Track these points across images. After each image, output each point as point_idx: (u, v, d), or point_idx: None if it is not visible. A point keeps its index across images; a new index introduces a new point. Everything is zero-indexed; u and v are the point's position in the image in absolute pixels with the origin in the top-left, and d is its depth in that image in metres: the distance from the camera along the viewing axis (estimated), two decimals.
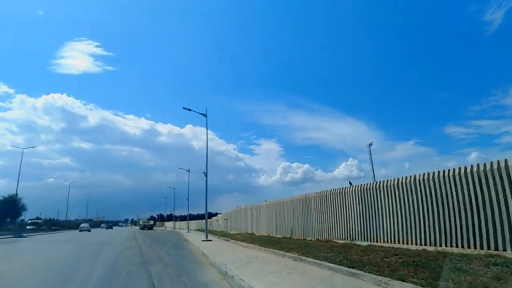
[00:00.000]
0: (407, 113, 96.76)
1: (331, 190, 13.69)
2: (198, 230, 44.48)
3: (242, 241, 15.69)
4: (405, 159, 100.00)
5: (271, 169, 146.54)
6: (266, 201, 21.56)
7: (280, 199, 18.97)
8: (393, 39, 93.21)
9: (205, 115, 20.89)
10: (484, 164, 7.63)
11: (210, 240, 18.95)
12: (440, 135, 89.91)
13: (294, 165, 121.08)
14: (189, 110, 20.77)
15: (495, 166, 7.34)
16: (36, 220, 53.19)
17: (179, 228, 61.75)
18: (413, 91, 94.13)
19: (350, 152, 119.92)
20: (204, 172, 20.25)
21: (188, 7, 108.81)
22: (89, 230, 48.82)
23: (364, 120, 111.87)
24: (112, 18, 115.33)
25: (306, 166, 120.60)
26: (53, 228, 55.37)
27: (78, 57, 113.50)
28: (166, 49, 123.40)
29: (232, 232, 28.87)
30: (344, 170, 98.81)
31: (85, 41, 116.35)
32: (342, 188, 12.86)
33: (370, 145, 56.58)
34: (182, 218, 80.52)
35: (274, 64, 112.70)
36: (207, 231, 19.94)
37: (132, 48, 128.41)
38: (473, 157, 60.01)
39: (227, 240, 18.41)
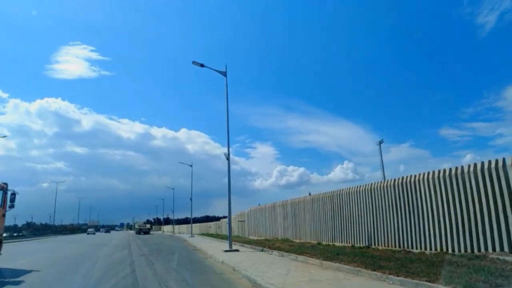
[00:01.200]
0: (402, 116, 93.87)
1: (475, 164, 7.79)
2: (203, 234, 38.39)
3: (299, 254, 9.66)
4: (399, 162, 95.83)
5: (267, 172, 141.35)
6: (310, 194, 15.59)
7: (338, 189, 13.04)
8: (388, 42, 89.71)
9: (224, 74, 14.97)
10: None
11: (237, 250, 12.96)
12: (436, 137, 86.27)
13: (290, 168, 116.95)
14: (202, 66, 14.81)
15: None
16: None
17: (179, 232, 55.20)
18: (408, 94, 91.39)
19: (346, 155, 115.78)
20: (225, 154, 14.28)
21: (184, 10, 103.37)
22: (94, 233, 61.31)
23: (360, 123, 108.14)
24: (107, 22, 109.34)
25: (301, 169, 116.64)
26: (15, 234, 45.98)
27: (73, 61, 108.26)
28: (162, 51, 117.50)
29: (251, 236, 22.81)
30: (340, 173, 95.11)
31: (80, 45, 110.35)
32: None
33: (381, 142, 50.96)
34: (179, 222, 74.68)
35: (269, 67, 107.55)
36: (230, 238, 13.91)
37: (128, 52, 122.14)
38: (467, 159, 56.34)
39: (264, 251, 12.39)
